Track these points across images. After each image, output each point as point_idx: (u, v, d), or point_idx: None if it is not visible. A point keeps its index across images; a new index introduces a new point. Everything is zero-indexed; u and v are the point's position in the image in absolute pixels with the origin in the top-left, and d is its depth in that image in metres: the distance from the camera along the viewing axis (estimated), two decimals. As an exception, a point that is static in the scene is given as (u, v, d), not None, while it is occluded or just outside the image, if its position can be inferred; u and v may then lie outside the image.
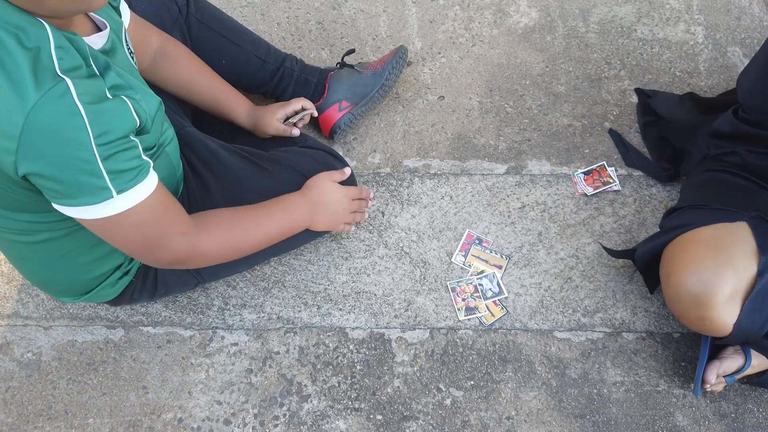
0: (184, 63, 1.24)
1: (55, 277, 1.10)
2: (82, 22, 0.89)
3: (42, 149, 0.77)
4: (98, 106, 0.79)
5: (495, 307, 1.29)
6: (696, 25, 1.64)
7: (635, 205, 1.40)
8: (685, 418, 1.19)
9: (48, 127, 0.75)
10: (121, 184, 0.83)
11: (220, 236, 1.02)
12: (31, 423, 1.19)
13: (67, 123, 0.76)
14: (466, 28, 1.65)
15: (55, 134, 0.76)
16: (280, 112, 1.32)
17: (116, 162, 0.82)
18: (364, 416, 1.20)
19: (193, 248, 0.97)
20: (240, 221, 1.06)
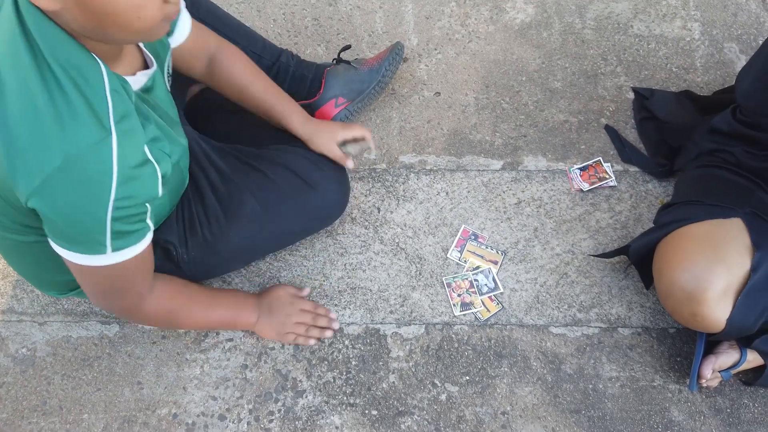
0: (240, 67, 1.21)
1: (45, 273, 1.10)
2: (132, 56, 0.88)
3: (60, 196, 0.77)
4: (131, 171, 0.79)
5: (490, 302, 1.29)
6: (692, 22, 1.64)
7: (631, 201, 1.40)
8: (680, 413, 1.19)
9: (76, 178, 0.75)
10: (119, 243, 0.85)
11: (164, 307, 1.07)
12: (26, 419, 1.19)
13: (96, 179, 0.76)
14: (463, 24, 1.64)
15: (79, 186, 0.76)
16: (341, 134, 1.25)
17: (123, 224, 0.83)
18: (359, 411, 1.19)
19: (138, 309, 1.03)
20: (188, 303, 1.12)
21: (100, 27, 0.73)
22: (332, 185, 1.25)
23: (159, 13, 0.74)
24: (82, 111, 0.75)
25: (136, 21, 0.73)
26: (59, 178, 0.74)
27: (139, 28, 0.74)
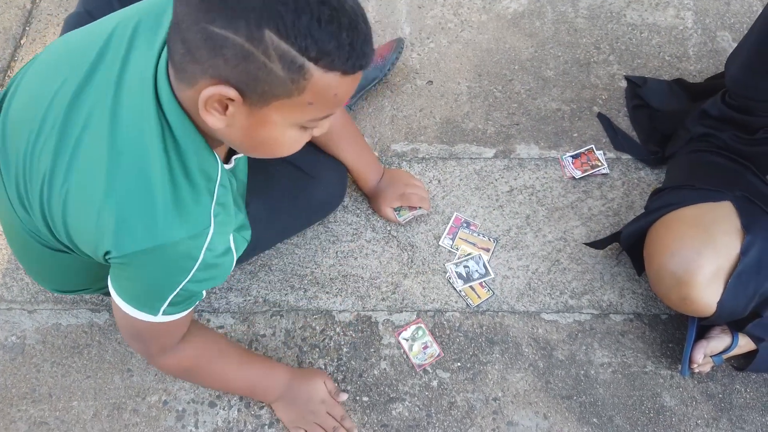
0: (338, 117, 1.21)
1: (62, 278, 1.09)
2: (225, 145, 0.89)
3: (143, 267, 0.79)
4: (214, 260, 0.81)
5: (481, 288, 1.29)
6: (685, 10, 1.64)
7: (623, 188, 1.40)
8: (672, 398, 1.19)
9: (166, 258, 0.77)
10: (171, 310, 0.87)
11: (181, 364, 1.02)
12: (15, 406, 1.19)
13: (181, 264, 0.79)
14: (455, 13, 1.64)
15: (164, 265, 0.79)
16: (396, 203, 1.32)
17: (182, 297, 0.85)
18: (351, 398, 1.19)
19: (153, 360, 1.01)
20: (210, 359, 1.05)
21: (251, 147, 0.77)
22: (332, 174, 1.26)
23: (303, 144, 0.79)
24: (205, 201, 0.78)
25: (287, 150, 0.78)
26: (150, 254, 0.76)
27: (282, 153, 0.78)
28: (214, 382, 1.11)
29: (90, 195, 0.76)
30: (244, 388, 1.13)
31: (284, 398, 1.13)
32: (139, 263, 0.78)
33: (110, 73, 0.77)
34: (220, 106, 0.70)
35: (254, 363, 1.12)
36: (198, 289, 0.86)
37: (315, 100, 0.69)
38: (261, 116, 0.71)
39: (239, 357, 1.09)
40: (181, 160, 0.76)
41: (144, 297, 0.85)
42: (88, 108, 0.78)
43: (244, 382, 1.10)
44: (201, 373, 1.07)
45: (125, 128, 0.75)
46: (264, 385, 1.12)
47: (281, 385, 1.12)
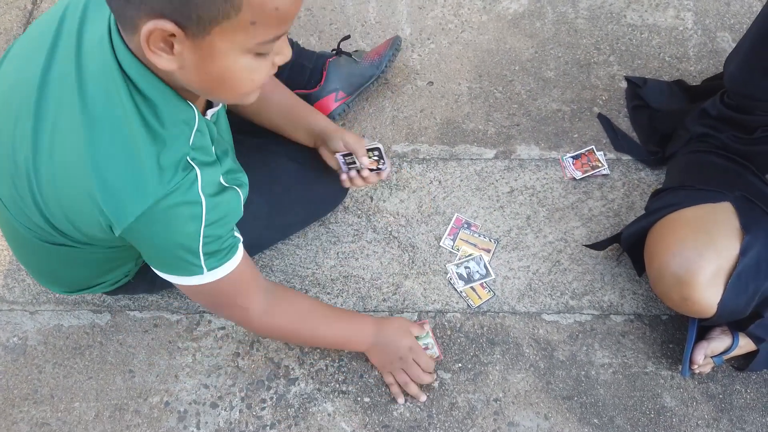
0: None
1: (62, 276, 1.09)
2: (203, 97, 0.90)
3: (154, 230, 0.79)
4: (216, 198, 0.81)
5: (482, 289, 1.29)
6: (685, 11, 1.64)
7: (624, 189, 1.40)
8: (672, 399, 1.19)
9: (169, 213, 0.77)
10: (213, 262, 0.86)
11: (279, 325, 1.07)
12: (17, 407, 1.19)
13: (188, 212, 0.78)
14: (456, 14, 1.64)
15: (173, 221, 0.78)
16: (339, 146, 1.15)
17: (214, 244, 0.85)
18: (352, 399, 1.19)
19: (249, 324, 1.05)
20: (303, 318, 1.09)
21: (210, 87, 0.75)
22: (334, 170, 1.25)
23: (266, 77, 0.77)
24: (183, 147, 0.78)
25: (249, 83, 0.76)
26: (154, 213, 0.76)
27: (246, 90, 0.77)
28: (308, 339, 1.15)
29: (77, 171, 0.77)
30: (335, 343, 1.18)
31: (375, 346, 1.16)
32: (149, 229, 0.78)
33: (69, 46, 0.78)
34: (166, 45, 0.69)
35: (341, 318, 1.16)
36: (221, 231, 0.84)
37: (256, 17, 0.67)
38: (207, 47, 0.69)
39: (327, 314, 1.14)
40: (155, 113, 0.76)
41: (177, 260, 0.84)
42: (56, 86, 0.78)
43: (335, 338, 1.15)
44: (296, 333, 1.10)
45: (93, 94, 0.75)
46: (353, 338, 1.15)
47: (369, 335, 1.15)
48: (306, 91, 1.42)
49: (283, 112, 1.18)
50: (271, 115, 1.18)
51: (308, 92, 1.42)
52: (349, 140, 1.13)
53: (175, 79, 0.75)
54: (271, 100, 1.17)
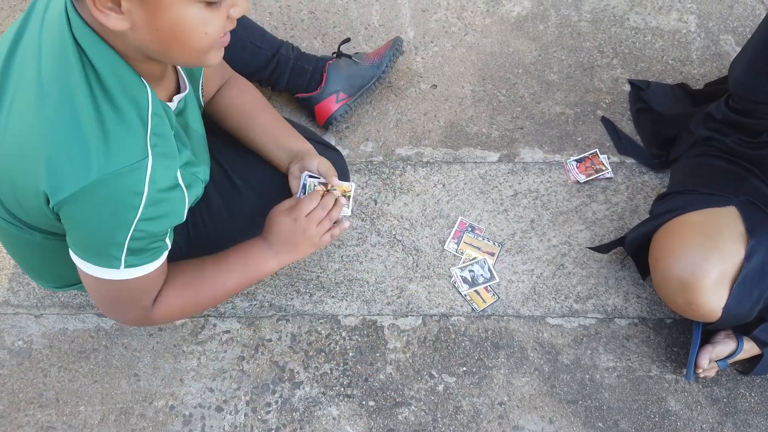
0: (250, 95, 1.15)
1: (48, 269, 1.09)
2: (169, 81, 0.88)
3: (88, 209, 0.77)
4: (160, 194, 0.79)
5: (486, 293, 1.29)
6: (688, 14, 1.64)
7: (627, 193, 1.40)
8: (677, 403, 1.19)
9: (107, 196, 0.76)
10: (133, 261, 0.85)
11: (176, 302, 0.99)
12: (22, 411, 1.19)
13: (126, 200, 0.77)
14: (459, 17, 1.64)
15: (108, 203, 0.77)
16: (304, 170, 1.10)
17: (141, 242, 0.83)
18: (357, 402, 1.19)
19: (145, 320, 0.98)
20: (195, 285, 1.01)
21: (165, 46, 0.74)
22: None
23: (221, 30, 0.75)
24: (135, 128, 0.76)
25: (203, 37, 0.74)
26: (91, 192, 0.75)
27: (202, 46, 0.75)
28: (211, 300, 1.04)
29: (26, 145, 0.76)
30: (242, 284, 1.06)
31: (280, 252, 1.05)
32: (83, 205, 0.77)
33: (35, 25, 0.78)
34: (113, 4, 0.69)
35: (230, 256, 1.04)
36: (152, 228, 0.82)
37: None
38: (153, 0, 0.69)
39: (215, 265, 1.03)
40: (103, 86, 0.75)
41: (100, 246, 0.82)
42: (19, 64, 0.79)
43: (236, 278, 1.04)
44: (194, 303, 1.02)
45: (48, 70, 0.75)
46: (253, 265, 1.05)
47: (265, 251, 1.05)
48: (307, 94, 1.43)
49: (268, 133, 1.13)
50: (254, 135, 1.13)
51: (309, 95, 1.43)
52: (324, 166, 1.07)
53: (129, 44, 0.74)
54: (256, 118, 1.14)
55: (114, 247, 0.82)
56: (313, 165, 1.08)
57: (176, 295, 0.99)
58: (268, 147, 1.13)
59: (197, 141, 0.95)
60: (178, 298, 1.00)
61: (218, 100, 1.15)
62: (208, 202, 1.13)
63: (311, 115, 1.47)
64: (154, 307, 0.97)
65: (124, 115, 0.76)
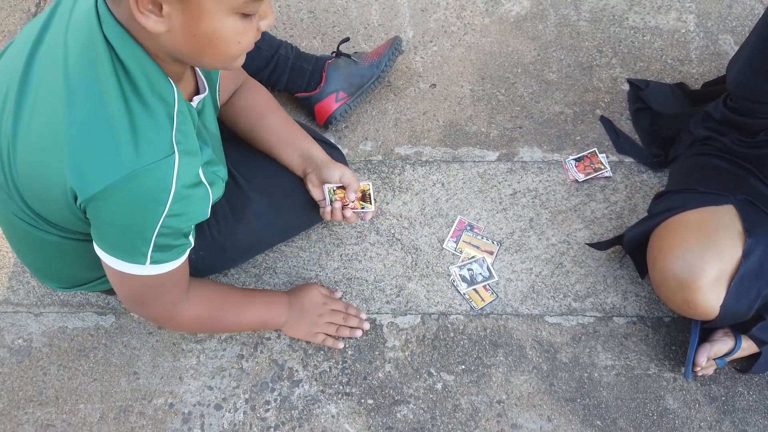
0: (262, 97, 1.19)
1: (56, 270, 1.09)
2: (188, 82, 0.89)
3: (117, 204, 0.78)
4: (185, 191, 0.81)
5: (485, 291, 1.29)
6: (687, 13, 1.64)
7: (626, 191, 1.40)
8: (675, 401, 1.20)
9: (137, 192, 0.77)
10: (159, 257, 0.86)
11: (199, 315, 1.06)
12: (22, 409, 1.19)
13: (155, 196, 0.78)
14: (458, 16, 1.65)
15: (138, 199, 0.78)
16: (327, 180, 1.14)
17: (167, 239, 0.85)
18: (355, 400, 1.20)
19: (171, 318, 1.03)
20: (221, 309, 1.11)
21: (198, 52, 0.76)
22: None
23: (253, 41, 0.78)
24: (163, 125, 0.78)
25: (236, 47, 0.76)
26: (121, 188, 0.76)
27: (233, 54, 0.77)
28: (228, 326, 1.17)
29: (52, 142, 0.77)
30: (255, 324, 1.19)
31: (291, 316, 1.18)
32: (111, 202, 0.78)
33: (60, 23, 0.79)
34: (154, 7, 0.70)
35: (256, 298, 1.18)
36: (178, 225, 0.84)
37: None
38: (194, 7, 0.70)
39: (242, 297, 1.15)
40: (132, 83, 0.76)
41: (127, 242, 0.84)
42: (42, 61, 0.79)
43: (254, 319, 1.17)
44: (216, 322, 1.11)
45: (75, 66, 0.76)
46: (271, 314, 1.18)
47: (284, 307, 1.18)
48: (306, 93, 1.43)
49: (280, 132, 1.17)
50: (265, 134, 1.16)
51: (309, 94, 1.43)
52: (346, 175, 1.12)
53: (161, 46, 0.75)
54: (268, 119, 1.16)
55: (141, 243, 0.83)
56: (334, 177, 1.13)
57: (205, 303, 1.05)
58: (279, 147, 1.16)
59: (214, 142, 0.97)
60: (205, 309, 1.06)
61: (233, 103, 1.17)
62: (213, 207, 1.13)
63: (311, 115, 1.47)
64: (183, 307, 1.01)
65: (153, 111, 0.77)
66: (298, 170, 1.17)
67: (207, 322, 1.10)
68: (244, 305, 1.15)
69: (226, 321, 1.13)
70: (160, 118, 0.78)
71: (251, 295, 1.18)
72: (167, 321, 1.05)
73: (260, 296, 1.19)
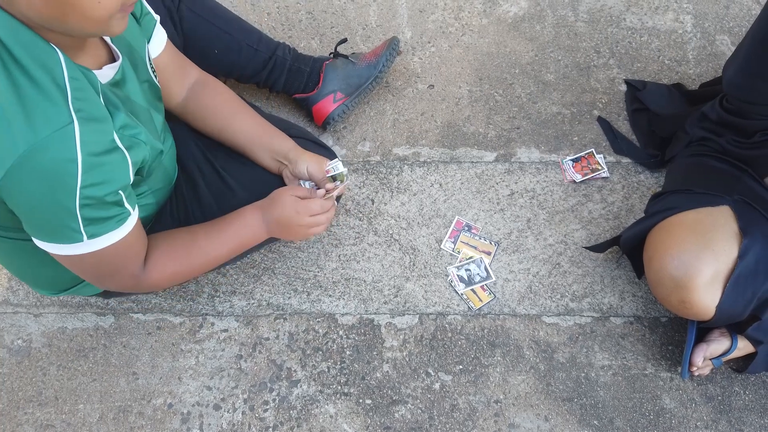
0: (227, 96, 1.17)
1: (37, 273, 1.09)
2: (96, 50, 0.87)
3: (25, 185, 0.76)
4: (97, 158, 0.78)
5: (482, 292, 1.30)
6: (685, 14, 1.65)
7: (623, 192, 1.41)
8: (672, 400, 1.20)
9: (41, 168, 0.74)
10: (94, 230, 0.84)
11: (168, 268, 1.02)
12: (21, 409, 1.20)
13: (61, 168, 0.75)
14: (456, 17, 1.65)
15: (44, 175, 0.75)
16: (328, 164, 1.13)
17: (94, 211, 0.82)
18: (354, 400, 1.20)
19: (140, 283, 0.99)
20: (186, 255, 1.04)
21: (60, 15, 0.72)
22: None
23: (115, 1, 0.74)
24: (52, 94, 0.74)
25: (96, 6, 0.72)
26: (24, 166, 0.73)
27: (98, 15, 0.73)
28: (204, 267, 1.08)
29: None
30: (234, 251, 1.10)
31: (271, 230, 1.10)
32: (21, 183, 0.75)
33: None
34: None
35: (223, 225, 1.08)
36: (99, 193, 0.80)
37: None
38: None
39: (207, 232, 1.06)
40: (11, 55, 0.73)
41: (54, 223, 0.81)
42: None
43: (229, 247, 1.08)
44: (187, 271, 1.05)
45: None
46: (246, 235, 1.09)
47: (259, 224, 1.09)
48: (304, 94, 1.43)
49: (248, 132, 1.16)
50: (236, 136, 1.16)
51: (306, 95, 1.43)
52: (313, 170, 1.11)
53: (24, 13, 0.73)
54: (235, 120, 1.15)
55: (68, 219, 0.80)
56: (302, 170, 1.12)
57: (168, 262, 1.01)
58: (251, 148, 1.16)
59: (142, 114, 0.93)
60: (169, 265, 1.01)
61: (192, 100, 1.15)
62: (200, 201, 1.14)
63: (309, 116, 1.48)
64: (145, 273, 0.98)
65: (38, 81, 0.74)
66: (274, 169, 1.16)
67: (178, 276, 1.05)
68: (212, 242, 1.06)
69: (197, 266, 1.06)
70: (47, 88, 0.74)
71: (218, 229, 1.08)
72: (136, 288, 1.01)
73: (229, 225, 1.08)
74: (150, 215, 1.09)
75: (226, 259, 1.10)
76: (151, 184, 1.03)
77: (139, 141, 0.87)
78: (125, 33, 0.93)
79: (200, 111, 1.15)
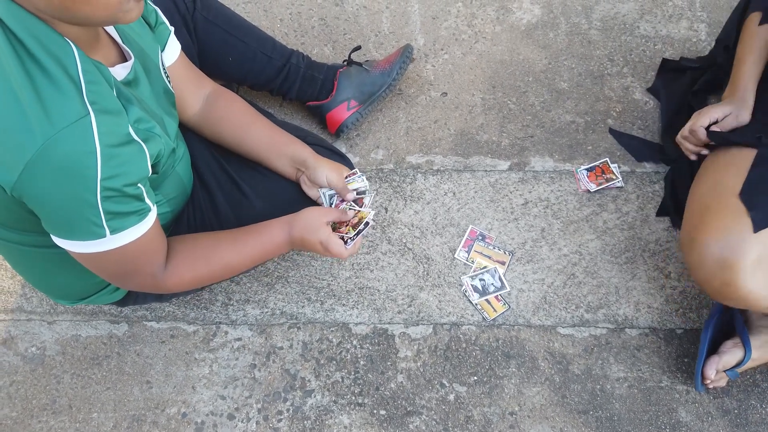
0: (241, 106, 1.17)
1: (53, 281, 1.09)
2: (107, 49, 0.87)
3: (45, 180, 0.75)
4: (115, 149, 0.78)
5: (497, 302, 1.29)
6: (699, 22, 1.64)
7: (638, 202, 1.40)
8: (688, 414, 1.20)
9: (60, 161, 0.74)
10: (116, 224, 0.83)
11: (188, 272, 1.01)
12: (36, 417, 1.20)
13: (80, 161, 0.75)
14: (469, 24, 1.65)
15: (64, 169, 0.75)
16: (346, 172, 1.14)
17: (116, 204, 0.81)
18: (368, 411, 1.20)
19: (159, 284, 0.99)
20: (208, 261, 1.03)
21: (71, 3, 0.71)
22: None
23: None
24: (67, 87, 0.74)
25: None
26: (43, 160, 0.73)
27: (105, 2, 0.72)
28: (224, 274, 1.08)
29: None
30: (255, 262, 1.09)
31: (295, 246, 1.09)
32: (40, 178, 0.74)
33: None
34: None
35: (249, 237, 1.07)
36: (119, 185, 0.80)
37: None
38: None
39: (232, 241, 1.05)
40: (28, 51, 0.73)
41: (75, 217, 0.80)
42: None
43: (252, 258, 1.07)
44: (207, 275, 1.04)
45: None
46: (271, 248, 1.08)
47: (285, 240, 1.07)
48: (318, 102, 1.43)
49: (264, 141, 1.16)
50: (252, 145, 1.16)
51: (320, 103, 1.43)
52: (333, 178, 1.11)
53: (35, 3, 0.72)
54: (252, 130, 1.15)
55: (90, 213, 0.79)
56: (321, 178, 1.12)
57: (189, 265, 1.01)
58: (269, 157, 1.15)
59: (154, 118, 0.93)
60: (190, 268, 1.01)
61: (207, 111, 1.15)
62: (217, 211, 1.14)
63: (323, 123, 1.47)
64: (166, 274, 0.98)
65: (52, 74, 0.74)
66: (291, 176, 1.16)
67: (198, 280, 1.04)
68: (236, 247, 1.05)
69: (217, 272, 1.05)
70: (60, 80, 0.74)
71: (243, 240, 1.06)
72: (155, 289, 1.01)
73: (254, 238, 1.07)
74: (166, 224, 1.09)
75: (247, 269, 1.10)
76: (165, 192, 1.03)
77: (154, 134, 0.87)
78: (137, 37, 0.94)
79: (215, 121, 1.15)
